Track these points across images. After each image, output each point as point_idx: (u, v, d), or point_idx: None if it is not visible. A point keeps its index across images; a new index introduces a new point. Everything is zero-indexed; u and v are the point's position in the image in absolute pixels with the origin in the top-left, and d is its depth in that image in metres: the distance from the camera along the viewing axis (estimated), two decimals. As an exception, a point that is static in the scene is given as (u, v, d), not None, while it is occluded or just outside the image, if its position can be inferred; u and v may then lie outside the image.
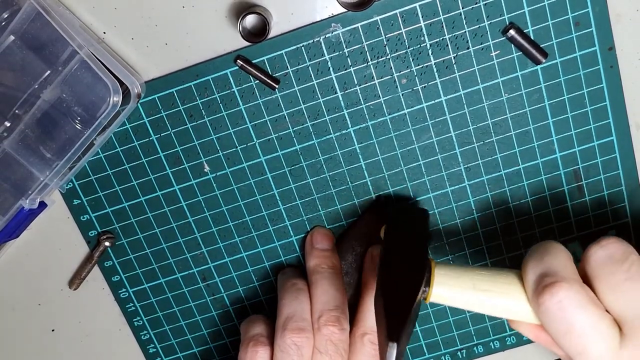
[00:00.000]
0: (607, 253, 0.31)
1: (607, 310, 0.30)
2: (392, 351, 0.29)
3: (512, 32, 0.38)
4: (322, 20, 0.38)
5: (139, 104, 0.40)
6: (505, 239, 0.43)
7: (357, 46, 0.39)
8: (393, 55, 0.39)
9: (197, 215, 0.43)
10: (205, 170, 0.42)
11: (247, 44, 0.39)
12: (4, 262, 0.44)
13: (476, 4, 0.38)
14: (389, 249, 0.35)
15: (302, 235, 0.43)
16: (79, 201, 0.43)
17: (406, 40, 0.39)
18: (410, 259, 0.34)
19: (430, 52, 0.39)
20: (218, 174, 0.42)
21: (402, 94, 0.40)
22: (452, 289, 0.33)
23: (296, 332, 0.37)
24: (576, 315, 0.29)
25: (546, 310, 0.30)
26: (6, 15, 0.36)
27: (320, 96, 0.40)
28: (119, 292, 0.45)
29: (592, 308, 0.29)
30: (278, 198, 0.42)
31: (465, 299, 0.33)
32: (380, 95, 0.40)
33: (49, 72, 0.37)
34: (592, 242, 0.31)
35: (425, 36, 0.39)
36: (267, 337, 0.39)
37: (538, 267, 0.31)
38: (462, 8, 0.38)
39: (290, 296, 0.39)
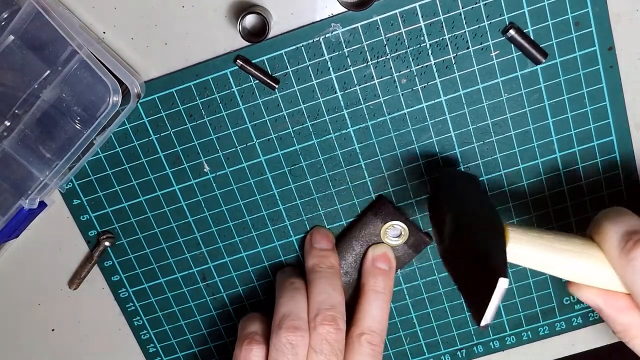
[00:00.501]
0: None
1: None
2: (504, 285, 0.28)
3: (511, 32, 0.38)
4: (322, 20, 0.38)
5: (138, 104, 0.40)
6: (505, 238, 0.43)
7: (356, 46, 0.39)
8: (393, 55, 0.39)
9: (197, 215, 0.43)
10: (205, 170, 0.42)
11: (247, 43, 0.39)
12: (4, 262, 0.44)
13: (476, 3, 0.38)
14: (453, 206, 0.35)
15: (302, 235, 0.43)
16: (79, 201, 0.43)
17: (406, 40, 0.39)
18: (481, 213, 0.34)
19: (430, 52, 0.39)
20: (218, 173, 0.42)
21: (402, 94, 0.40)
22: (527, 246, 0.32)
23: (291, 331, 0.36)
24: None
25: (638, 264, 0.29)
26: (6, 15, 0.36)
27: (320, 96, 0.40)
28: (119, 291, 0.45)
29: None
30: (278, 198, 0.42)
31: (541, 258, 0.32)
32: (380, 95, 0.40)
33: (48, 72, 0.37)
34: None
35: (425, 36, 0.39)
36: (263, 335, 0.39)
37: (621, 226, 0.31)
38: (462, 8, 0.38)
39: (288, 295, 0.39)
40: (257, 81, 0.40)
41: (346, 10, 0.38)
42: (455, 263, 0.34)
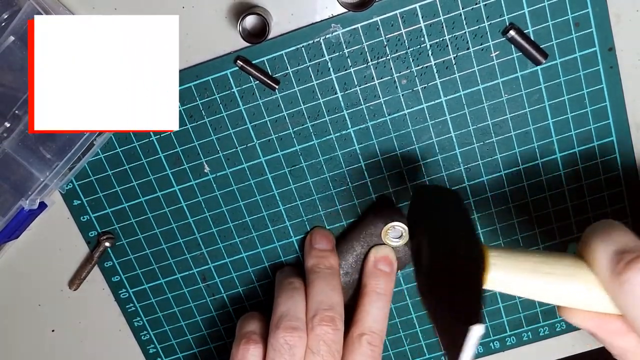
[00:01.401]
0: None
1: None
2: (478, 332, 0.25)
3: (512, 32, 0.38)
4: (322, 20, 0.38)
5: (139, 105, 0.40)
6: (505, 239, 0.43)
7: (357, 47, 0.39)
8: (393, 55, 0.39)
9: (197, 216, 0.43)
10: (205, 170, 0.42)
11: (247, 44, 0.39)
12: (4, 263, 0.44)
13: (476, 4, 0.38)
14: (428, 231, 0.32)
15: (302, 235, 0.43)
16: (79, 202, 0.43)
17: (406, 41, 0.39)
18: (458, 241, 0.30)
19: (430, 52, 0.39)
20: (218, 174, 0.42)
21: (402, 95, 0.40)
22: (510, 272, 0.29)
23: (289, 331, 0.36)
24: None
25: (631, 287, 0.27)
26: (6, 16, 0.36)
27: (320, 97, 0.40)
28: (119, 292, 0.45)
29: None
30: (278, 198, 0.42)
31: (524, 284, 0.29)
32: (380, 96, 0.40)
33: (49, 72, 0.37)
34: None
35: (425, 37, 0.39)
36: (261, 334, 0.39)
37: (610, 244, 0.28)
38: (462, 9, 0.38)
39: (286, 295, 0.39)
40: (258, 82, 0.40)
41: (346, 11, 0.38)
42: (431, 299, 0.30)
